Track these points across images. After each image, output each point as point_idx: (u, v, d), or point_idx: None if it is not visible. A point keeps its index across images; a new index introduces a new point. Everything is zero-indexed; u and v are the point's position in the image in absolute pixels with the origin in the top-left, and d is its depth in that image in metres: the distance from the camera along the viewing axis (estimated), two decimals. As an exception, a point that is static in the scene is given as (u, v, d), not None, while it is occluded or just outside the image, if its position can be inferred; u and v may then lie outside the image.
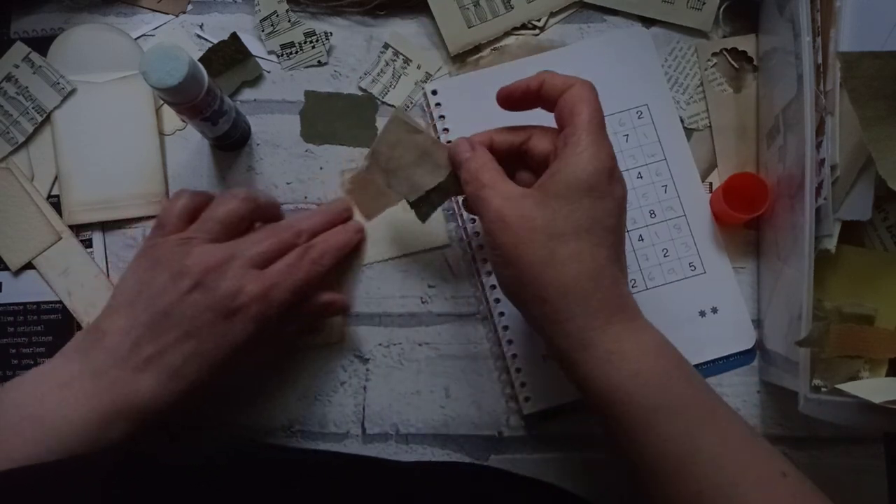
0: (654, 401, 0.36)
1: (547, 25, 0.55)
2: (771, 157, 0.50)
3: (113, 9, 0.55)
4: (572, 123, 0.39)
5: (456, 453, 0.51)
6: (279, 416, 0.51)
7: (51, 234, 0.52)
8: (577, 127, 0.39)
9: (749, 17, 0.55)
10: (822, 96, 0.43)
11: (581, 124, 0.39)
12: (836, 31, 0.43)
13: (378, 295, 0.52)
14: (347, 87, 0.54)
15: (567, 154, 0.39)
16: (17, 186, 0.53)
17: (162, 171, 0.53)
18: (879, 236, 0.46)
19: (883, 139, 0.40)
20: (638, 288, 0.52)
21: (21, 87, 0.53)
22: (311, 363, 0.51)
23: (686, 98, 0.54)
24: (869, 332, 0.44)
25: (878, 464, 0.50)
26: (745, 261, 0.52)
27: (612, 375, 0.37)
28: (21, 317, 0.52)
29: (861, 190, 0.43)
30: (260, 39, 0.55)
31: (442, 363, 0.51)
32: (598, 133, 0.39)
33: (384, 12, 0.55)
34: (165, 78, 0.42)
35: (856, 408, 0.40)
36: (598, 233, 0.38)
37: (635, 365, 0.37)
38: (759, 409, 0.51)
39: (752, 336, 0.51)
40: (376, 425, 0.51)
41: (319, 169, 0.54)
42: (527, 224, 0.38)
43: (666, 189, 0.53)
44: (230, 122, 0.50)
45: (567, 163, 0.39)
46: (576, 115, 0.39)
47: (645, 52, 0.54)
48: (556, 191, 0.38)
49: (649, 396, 0.37)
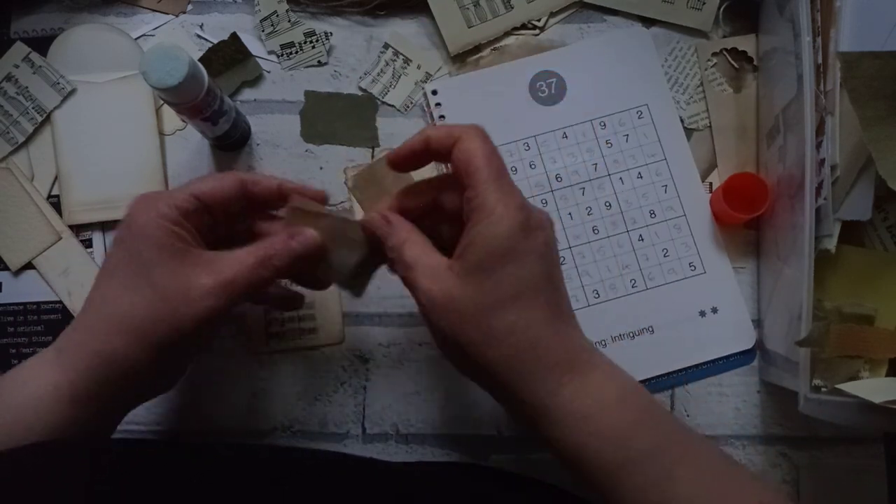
0: (620, 455, 0.36)
1: (547, 25, 0.55)
2: (771, 157, 0.50)
3: (113, 9, 0.55)
4: (471, 183, 0.37)
5: (456, 453, 0.51)
6: (279, 416, 0.51)
7: (51, 234, 0.52)
8: (476, 188, 0.37)
9: (749, 17, 0.55)
10: (822, 96, 0.43)
11: (480, 182, 0.37)
12: (836, 31, 0.43)
13: (378, 295, 0.52)
14: (347, 87, 0.54)
15: (476, 219, 0.37)
16: (17, 186, 0.53)
17: (162, 171, 0.53)
18: (879, 236, 0.46)
19: (883, 139, 0.40)
20: (638, 288, 0.52)
21: (21, 87, 0.53)
22: (311, 363, 0.51)
23: (686, 98, 0.54)
24: (869, 332, 0.44)
25: (878, 464, 0.50)
26: (745, 261, 0.52)
27: (574, 436, 0.36)
28: (21, 317, 0.52)
29: (861, 190, 0.43)
30: (260, 39, 0.55)
31: (442, 363, 0.51)
32: (499, 185, 0.37)
33: (384, 12, 0.55)
34: (165, 78, 0.42)
35: (856, 408, 0.40)
36: (528, 296, 0.37)
37: (596, 423, 0.36)
38: (759, 409, 0.51)
39: (752, 336, 0.51)
40: (376, 425, 0.51)
41: (319, 169, 0.54)
42: (455, 304, 0.37)
43: (666, 189, 0.53)
44: (230, 122, 0.50)
45: (479, 230, 0.37)
46: (471, 174, 0.37)
47: (645, 52, 0.54)
48: (476, 262, 0.37)
49: (615, 452, 0.36)
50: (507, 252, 0.37)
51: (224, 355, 0.51)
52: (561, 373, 0.37)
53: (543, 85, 0.54)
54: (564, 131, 0.53)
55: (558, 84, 0.54)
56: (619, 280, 0.52)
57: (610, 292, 0.51)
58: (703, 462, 0.37)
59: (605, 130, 0.53)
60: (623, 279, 0.52)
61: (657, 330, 0.51)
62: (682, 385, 0.51)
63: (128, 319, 0.38)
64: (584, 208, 0.52)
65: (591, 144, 0.53)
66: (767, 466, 0.50)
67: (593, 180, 0.53)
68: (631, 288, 0.52)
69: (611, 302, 0.51)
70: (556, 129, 0.53)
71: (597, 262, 0.52)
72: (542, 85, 0.54)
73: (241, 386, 0.51)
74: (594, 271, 0.52)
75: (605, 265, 0.52)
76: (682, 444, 0.37)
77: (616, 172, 0.53)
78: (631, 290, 0.52)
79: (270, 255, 0.40)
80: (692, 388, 0.51)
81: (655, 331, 0.51)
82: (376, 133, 0.54)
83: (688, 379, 0.51)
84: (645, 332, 0.51)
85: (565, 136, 0.53)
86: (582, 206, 0.52)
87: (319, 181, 0.53)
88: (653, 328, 0.51)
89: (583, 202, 0.52)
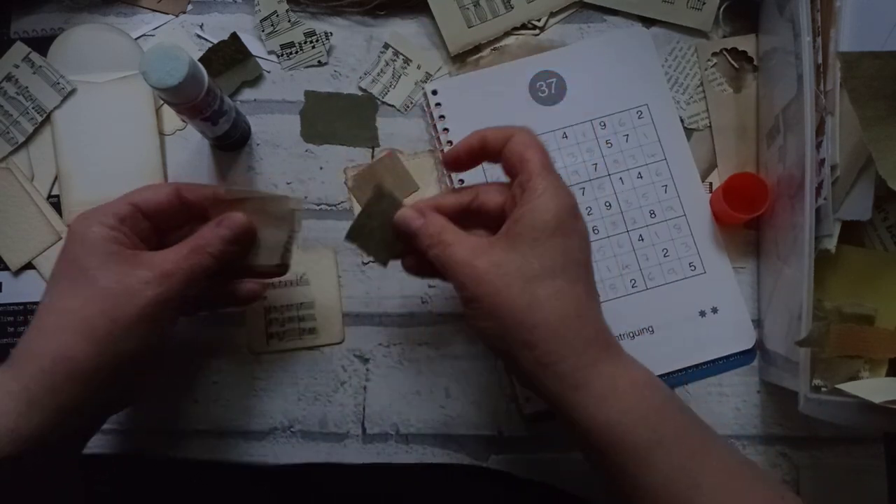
0: (649, 437, 0.36)
1: (547, 25, 0.55)
2: (771, 157, 0.50)
3: (113, 9, 0.55)
4: (525, 170, 0.40)
5: (456, 453, 0.50)
6: (279, 416, 0.51)
7: (51, 234, 0.52)
8: (531, 172, 0.39)
9: (749, 17, 0.55)
10: (822, 96, 0.43)
11: (534, 168, 0.39)
12: (836, 31, 0.43)
13: (378, 295, 0.52)
14: (347, 87, 0.54)
15: (528, 198, 0.39)
16: (17, 186, 0.53)
17: (162, 171, 0.53)
18: (879, 236, 0.46)
19: (883, 139, 0.40)
20: (638, 288, 0.52)
21: (21, 87, 0.53)
22: (311, 363, 0.51)
23: (686, 98, 0.54)
24: (869, 332, 0.44)
25: (878, 464, 0.50)
26: (745, 261, 0.52)
27: (607, 414, 0.37)
28: (21, 317, 0.52)
29: (861, 190, 0.43)
30: (260, 39, 0.55)
31: (442, 363, 0.51)
32: (553, 173, 0.40)
33: (384, 12, 0.55)
34: (165, 78, 0.42)
35: (856, 408, 0.40)
36: (573, 269, 0.39)
37: (630, 402, 0.37)
38: (759, 409, 0.51)
39: (752, 336, 0.51)
40: (376, 425, 0.51)
41: (319, 169, 0.54)
42: (501, 271, 0.38)
43: (666, 189, 0.53)
44: (230, 122, 0.50)
45: (530, 207, 0.39)
46: (526, 161, 0.40)
47: (645, 52, 0.54)
48: (524, 235, 0.38)
49: (645, 433, 0.36)
50: (557, 227, 0.38)
51: (224, 355, 0.51)
52: (599, 348, 0.38)
53: (543, 85, 0.54)
54: (564, 131, 0.53)
55: (558, 84, 0.54)
56: (619, 280, 0.52)
57: (610, 292, 0.51)
58: (724, 455, 0.38)
59: (605, 130, 0.53)
60: (623, 279, 0.52)
61: (657, 330, 0.51)
62: (682, 385, 0.51)
63: (75, 319, 0.39)
64: (585, 208, 0.52)
65: (591, 144, 0.53)
66: (767, 466, 0.50)
67: (593, 180, 0.53)
68: (631, 288, 0.52)
69: (611, 302, 0.51)
70: (556, 129, 0.53)
71: (597, 262, 0.52)
72: (542, 85, 0.54)
73: (241, 386, 0.51)
74: (594, 271, 0.52)
75: (605, 265, 0.52)
76: (705, 433, 0.38)
77: (616, 172, 0.53)
78: (631, 290, 0.52)
79: (202, 244, 0.41)
80: (692, 388, 0.51)
81: (655, 331, 0.51)
82: (376, 133, 0.54)
83: (688, 379, 0.51)
84: (645, 332, 0.51)
85: (565, 136, 0.53)
86: (582, 206, 0.52)
87: (319, 181, 0.53)
88: (653, 328, 0.51)
89: (583, 202, 0.52)
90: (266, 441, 0.51)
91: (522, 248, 0.38)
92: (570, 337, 0.37)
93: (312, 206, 0.53)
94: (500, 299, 0.38)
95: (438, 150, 0.53)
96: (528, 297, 0.37)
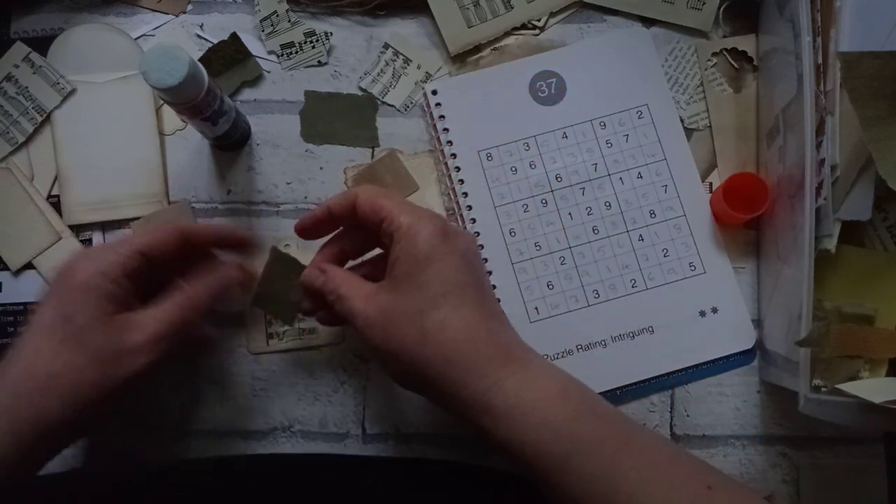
0: (565, 447, 0.36)
1: (547, 25, 0.55)
2: (771, 157, 0.50)
3: (113, 9, 0.55)
4: (384, 215, 0.41)
5: (456, 453, 0.50)
6: (279, 416, 0.51)
7: (51, 234, 0.52)
8: (390, 214, 0.40)
9: (749, 17, 0.55)
10: (822, 96, 0.43)
11: (392, 209, 0.40)
12: (836, 31, 0.43)
13: (378, 295, 0.52)
14: (347, 87, 0.54)
15: (397, 238, 0.40)
16: (17, 186, 0.53)
17: (162, 171, 0.53)
18: (879, 236, 0.46)
19: (883, 139, 0.40)
20: (638, 288, 0.52)
21: (21, 87, 0.53)
22: (311, 363, 0.51)
23: (686, 98, 0.54)
24: (869, 332, 0.44)
25: (878, 464, 0.50)
26: (745, 261, 0.52)
27: (519, 430, 0.37)
28: (21, 317, 0.52)
29: (861, 190, 0.43)
30: (260, 39, 0.55)
31: (442, 363, 0.51)
32: (408, 207, 0.41)
33: (384, 12, 0.55)
34: (165, 78, 0.42)
35: (856, 408, 0.40)
36: (455, 294, 0.39)
37: (539, 416, 0.37)
38: (759, 409, 0.51)
39: (752, 336, 0.51)
40: (376, 425, 0.51)
41: (319, 169, 0.54)
42: (388, 314, 0.39)
43: (666, 189, 0.53)
44: (230, 122, 0.50)
45: (401, 245, 0.39)
46: (380, 208, 0.41)
47: (645, 52, 0.54)
48: (403, 273, 0.39)
49: (560, 443, 0.36)
50: (428, 256, 0.39)
51: (224, 355, 0.51)
52: (499, 365, 0.38)
53: (543, 85, 0.54)
54: (564, 131, 0.53)
55: (558, 84, 0.54)
56: (619, 280, 0.52)
57: (610, 292, 0.51)
58: (649, 451, 0.38)
59: (605, 130, 0.53)
60: (623, 279, 0.52)
61: (657, 330, 0.51)
62: (682, 385, 0.51)
63: (59, 382, 0.38)
64: (584, 208, 0.52)
65: (591, 144, 0.53)
66: (767, 466, 0.50)
67: (593, 180, 0.53)
68: (631, 288, 0.52)
69: (611, 302, 0.51)
70: (556, 129, 0.53)
71: (597, 262, 0.52)
72: (542, 85, 0.54)
73: (241, 386, 0.51)
74: (594, 271, 0.52)
75: (605, 265, 0.52)
76: (626, 434, 0.38)
77: (616, 172, 0.53)
78: (631, 290, 0.52)
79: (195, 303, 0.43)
80: (692, 388, 0.51)
81: (655, 331, 0.51)
82: (376, 133, 0.54)
83: (688, 379, 0.51)
84: (645, 332, 0.51)
85: (565, 136, 0.53)
86: (582, 206, 0.52)
87: (319, 181, 0.53)
88: (653, 328, 0.51)
89: (583, 202, 0.52)
90: (266, 441, 0.51)
91: (404, 286, 0.39)
92: (465, 364, 0.38)
93: (312, 205, 0.53)
94: (394, 343, 0.38)
95: (438, 150, 0.53)
96: (416, 335, 0.38)
